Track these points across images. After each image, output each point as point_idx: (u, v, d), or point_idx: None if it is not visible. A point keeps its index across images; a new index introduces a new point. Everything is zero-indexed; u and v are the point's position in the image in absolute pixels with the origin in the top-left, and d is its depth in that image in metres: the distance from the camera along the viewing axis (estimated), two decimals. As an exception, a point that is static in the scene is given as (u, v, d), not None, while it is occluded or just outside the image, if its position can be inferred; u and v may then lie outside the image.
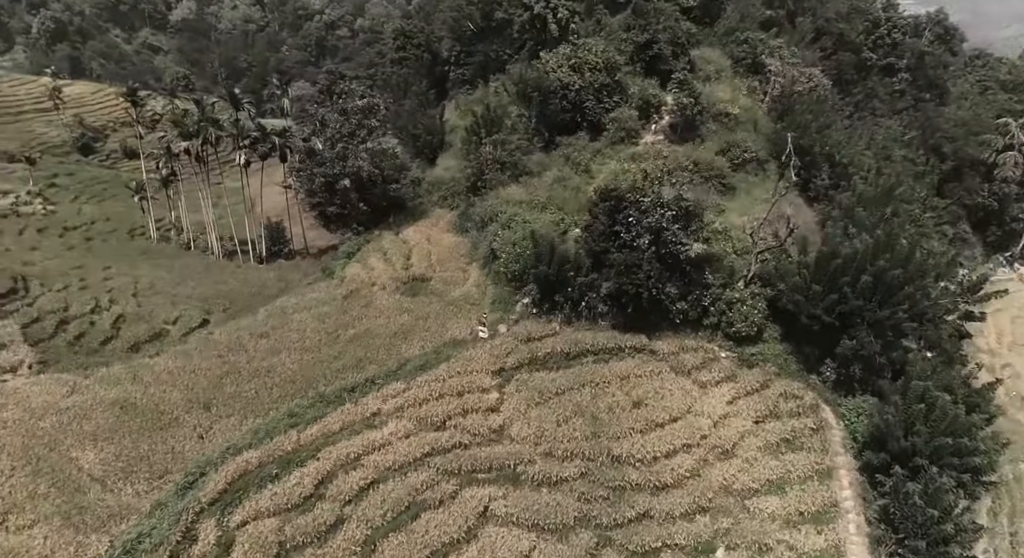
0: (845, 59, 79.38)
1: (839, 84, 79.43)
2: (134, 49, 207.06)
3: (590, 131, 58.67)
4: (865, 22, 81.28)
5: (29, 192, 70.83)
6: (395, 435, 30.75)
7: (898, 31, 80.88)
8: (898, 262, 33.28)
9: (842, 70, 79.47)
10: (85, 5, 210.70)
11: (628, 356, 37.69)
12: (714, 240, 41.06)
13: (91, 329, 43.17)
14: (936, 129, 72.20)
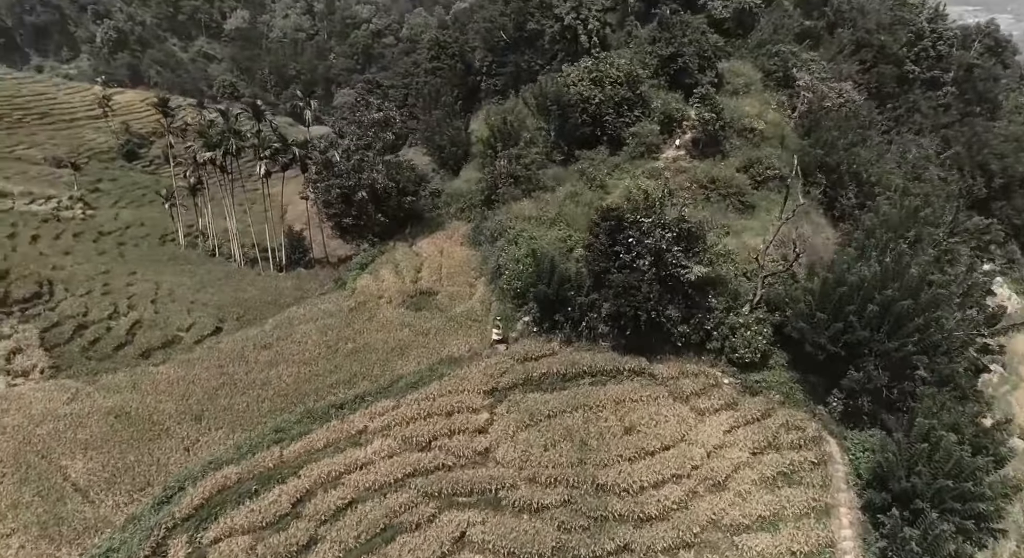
0: (886, 72, 76.73)
1: (879, 97, 77.03)
2: (189, 57, 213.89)
3: (610, 145, 58.04)
4: (908, 34, 78.43)
5: (71, 197, 73.48)
6: (379, 454, 30.62)
7: (943, 43, 77.82)
8: (907, 292, 31.71)
9: (882, 83, 76.91)
10: (146, 15, 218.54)
11: (627, 379, 36.87)
12: (721, 262, 39.89)
13: (107, 335, 44.43)
14: (984, 145, 69.20)
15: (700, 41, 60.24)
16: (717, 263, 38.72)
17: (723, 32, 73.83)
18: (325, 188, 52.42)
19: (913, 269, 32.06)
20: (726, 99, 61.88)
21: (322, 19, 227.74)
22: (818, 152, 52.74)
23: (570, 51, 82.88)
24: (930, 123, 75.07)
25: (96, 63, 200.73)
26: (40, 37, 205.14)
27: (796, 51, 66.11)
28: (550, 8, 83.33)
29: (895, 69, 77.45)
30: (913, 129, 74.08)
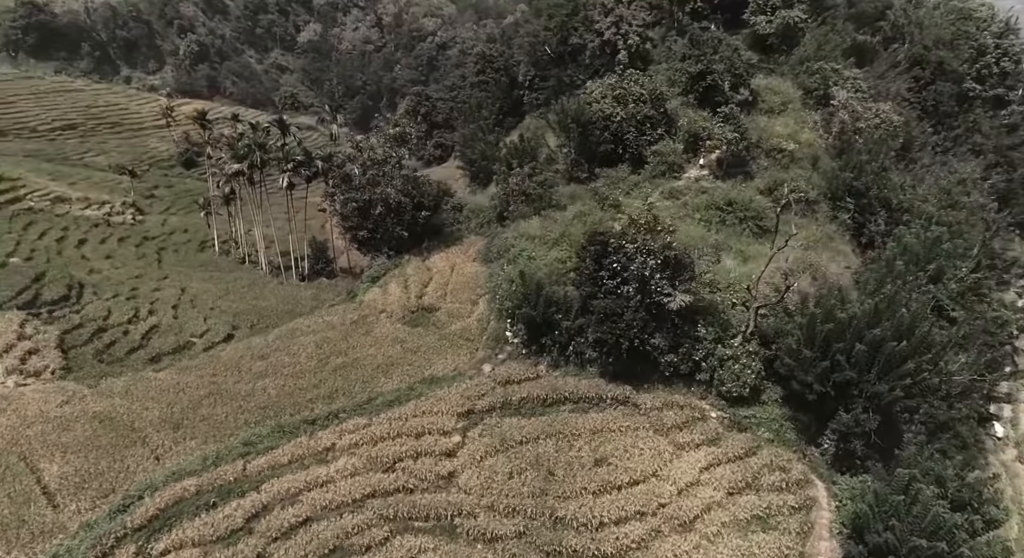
0: (944, 90, 72.72)
1: (936, 116, 73.10)
2: (264, 69, 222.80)
3: (632, 164, 57.03)
4: (970, 49, 74.11)
5: (124, 202, 77.38)
6: (341, 473, 30.70)
7: (1008, 59, 73.16)
8: (898, 332, 29.72)
9: (940, 102, 72.93)
10: (226, 29, 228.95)
11: (609, 407, 35.91)
12: (711, 290, 38.43)
13: (123, 339, 46.38)
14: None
15: (731, 58, 58.46)
16: (709, 291, 37.35)
17: (767, 48, 71.91)
18: (343, 201, 53.40)
19: (904, 309, 29.97)
20: (760, 118, 60.08)
21: (390, 32, 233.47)
22: (847, 175, 50.37)
23: (610, 66, 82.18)
24: (992, 144, 70.58)
25: (178, 74, 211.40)
26: (130, 50, 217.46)
27: (838, 68, 63.37)
28: (591, 23, 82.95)
29: (954, 87, 73.33)
30: (973, 151, 69.95)
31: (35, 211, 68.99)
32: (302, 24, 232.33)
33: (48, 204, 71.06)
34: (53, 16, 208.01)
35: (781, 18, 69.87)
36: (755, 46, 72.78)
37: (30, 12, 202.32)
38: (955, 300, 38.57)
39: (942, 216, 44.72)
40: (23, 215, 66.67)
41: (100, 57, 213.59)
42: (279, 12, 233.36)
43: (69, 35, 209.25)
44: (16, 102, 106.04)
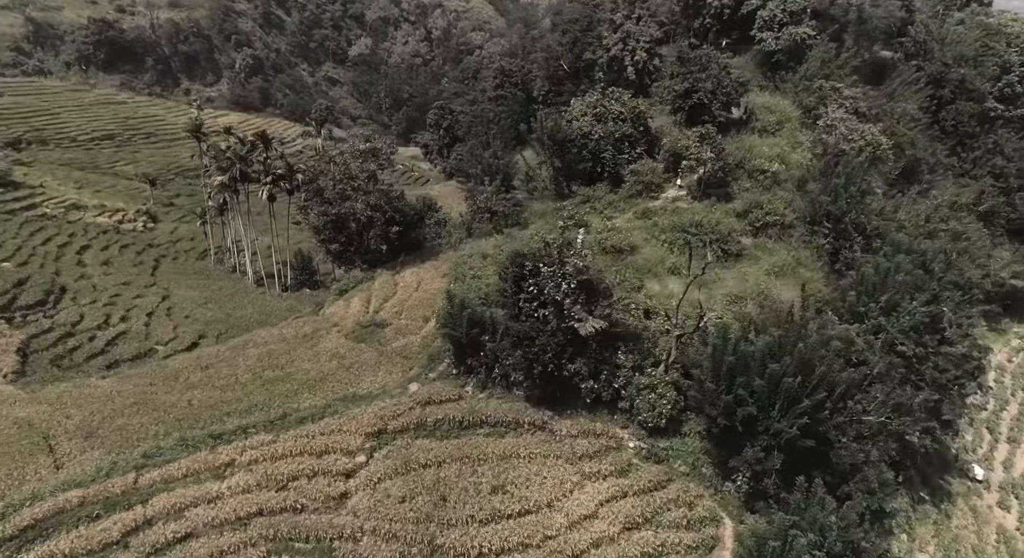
0: (964, 109, 69.02)
1: (955, 136, 69.45)
2: (315, 81, 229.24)
3: (611, 182, 56.06)
4: (993, 67, 70.14)
5: (138, 210, 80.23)
6: (232, 489, 30.64)
7: (1034, 78, 68.96)
8: (797, 368, 27.95)
9: (960, 122, 69.25)
10: (282, 43, 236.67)
11: (527, 433, 34.98)
12: (655, 316, 37.15)
13: (86, 345, 47.79)
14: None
15: (718, 76, 56.83)
16: (644, 317, 36.03)
17: (775, 65, 69.83)
18: (316, 214, 54.06)
19: (802, 344, 28.16)
20: (750, 137, 58.36)
21: (439, 45, 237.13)
22: (824, 199, 48.11)
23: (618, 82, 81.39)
24: (1015, 167, 66.39)
25: (233, 86, 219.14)
26: (190, 63, 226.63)
27: (839, 86, 60.84)
28: (601, 39, 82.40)
29: (975, 106, 69.50)
30: (993, 174, 65.97)
31: (49, 217, 72.22)
32: (354, 38, 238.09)
33: (63, 211, 74.32)
34: (121, 32, 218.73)
35: (788, 35, 67.81)
36: (763, 63, 70.96)
37: (101, 29, 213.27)
38: (906, 334, 36.14)
39: (914, 244, 42.05)
40: (35, 221, 69.87)
41: (162, 70, 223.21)
42: (333, 27, 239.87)
43: (135, 50, 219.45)
44: (61, 113, 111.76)
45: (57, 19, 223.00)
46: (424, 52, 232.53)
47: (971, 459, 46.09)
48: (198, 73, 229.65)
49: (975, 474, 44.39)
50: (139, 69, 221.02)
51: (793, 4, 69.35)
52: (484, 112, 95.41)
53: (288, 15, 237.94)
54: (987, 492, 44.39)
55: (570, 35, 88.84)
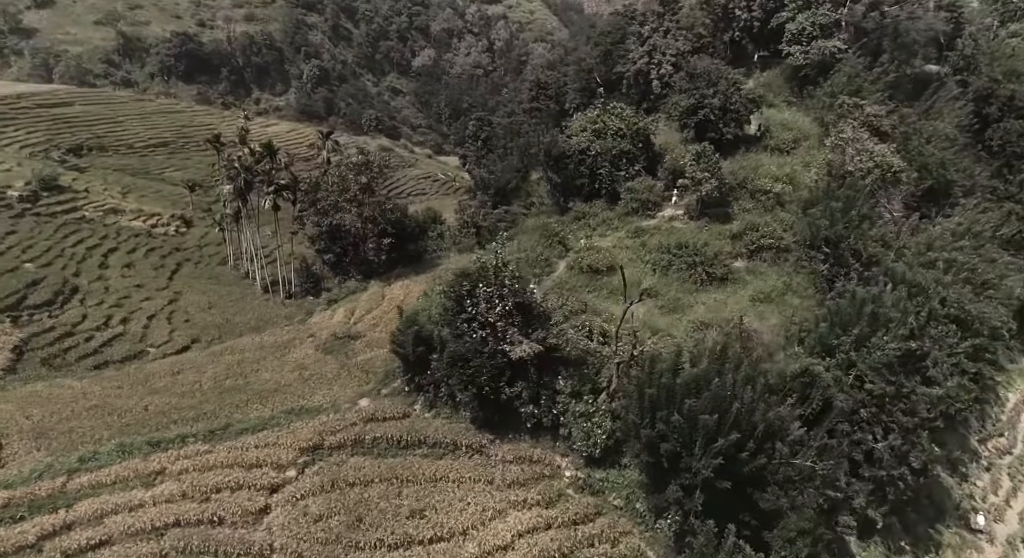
0: (1012, 128, 64.08)
1: (1001, 158, 64.61)
2: (378, 92, 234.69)
3: (609, 199, 54.68)
4: (1044, 81, 64.95)
5: (172, 215, 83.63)
6: (156, 498, 30.92)
7: (1092, 95, 63.31)
8: (712, 404, 26.09)
9: (1008, 142, 64.34)
10: (348, 55, 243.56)
11: (464, 455, 34.12)
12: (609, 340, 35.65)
13: (82, 345, 49.74)
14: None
15: (726, 92, 54.66)
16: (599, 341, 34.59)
17: (803, 80, 66.98)
18: (312, 225, 54.83)
19: (717, 379, 26.29)
20: (760, 156, 55.95)
21: (501, 56, 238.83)
22: (823, 223, 45.38)
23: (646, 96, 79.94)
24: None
25: (300, 96, 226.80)
26: (262, 74, 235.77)
27: (862, 103, 57.53)
28: (628, 52, 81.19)
29: (1023, 125, 64.42)
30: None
31: (87, 220, 76.01)
32: (418, 50, 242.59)
33: (101, 214, 78.07)
34: (200, 45, 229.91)
35: (817, 49, 64.85)
36: (792, 78, 68.20)
37: (182, 42, 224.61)
38: (877, 371, 33.46)
39: (908, 274, 39.08)
40: (72, 224, 73.64)
41: (236, 81, 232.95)
42: (398, 39, 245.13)
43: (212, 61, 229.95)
44: (124, 121, 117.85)
45: (144, 33, 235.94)
46: (485, 63, 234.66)
47: (977, 507, 42.42)
48: (268, 83, 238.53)
49: (976, 524, 40.72)
50: (215, 79, 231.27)
51: (823, 17, 66.35)
52: (516, 124, 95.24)
53: (356, 27, 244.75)
54: (989, 545, 40.64)
55: (602, 47, 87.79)
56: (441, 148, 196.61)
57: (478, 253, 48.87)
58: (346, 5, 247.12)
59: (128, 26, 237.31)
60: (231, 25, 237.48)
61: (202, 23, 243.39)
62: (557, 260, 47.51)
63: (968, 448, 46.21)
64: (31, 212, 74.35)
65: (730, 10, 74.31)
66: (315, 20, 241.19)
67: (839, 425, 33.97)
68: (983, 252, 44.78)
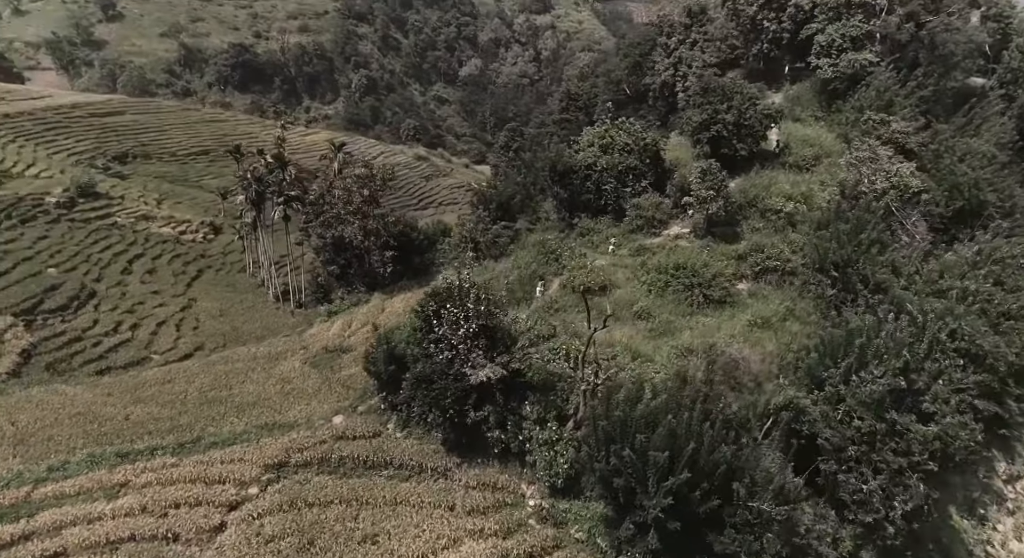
0: (1072, 150, 60.20)
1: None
2: (424, 101, 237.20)
3: (616, 216, 53.39)
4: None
5: (202, 222, 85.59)
6: (116, 511, 30.89)
7: None
8: (662, 441, 24.62)
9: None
10: (396, 64, 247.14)
11: (429, 479, 33.29)
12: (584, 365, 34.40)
13: (89, 350, 50.89)
14: None
15: (740, 107, 52.77)
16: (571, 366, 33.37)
17: (832, 94, 64.45)
18: (316, 236, 55.10)
19: (671, 416, 24.80)
20: (773, 173, 53.82)
21: (547, 66, 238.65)
22: (831, 246, 43.14)
23: (673, 109, 78.59)
24: None
25: (348, 105, 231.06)
26: (312, 83, 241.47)
27: (889, 119, 54.80)
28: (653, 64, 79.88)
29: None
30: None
31: (118, 227, 78.38)
32: (465, 59, 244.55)
33: (132, 221, 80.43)
34: (255, 55, 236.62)
35: (847, 61, 62.25)
36: (821, 92, 65.69)
37: (238, 52, 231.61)
38: (866, 406, 31.34)
39: (914, 303, 36.67)
40: (103, 230, 75.99)
41: (288, 90, 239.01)
42: (446, 49, 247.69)
43: (266, 71, 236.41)
44: (169, 130, 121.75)
45: (204, 44, 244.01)
46: (531, 72, 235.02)
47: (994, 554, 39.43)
48: (319, 92, 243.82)
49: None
50: (268, 89, 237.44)
51: (854, 29, 63.65)
52: (544, 135, 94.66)
53: (405, 37, 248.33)
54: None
55: (631, 59, 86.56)
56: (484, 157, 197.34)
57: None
58: (396, 16, 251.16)
59: (190, 38, 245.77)
60: (285, 36, 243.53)
61: (258, 34, 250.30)
62: (552, 278, 46.45)
63: (991, 490, 43.17)
64: (66, 218, 77.01)
65: (759, 22, 72.07)
66: (365, 31, 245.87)
67: (825, 463, 32.14)
68: (1007, 281, 41.71)
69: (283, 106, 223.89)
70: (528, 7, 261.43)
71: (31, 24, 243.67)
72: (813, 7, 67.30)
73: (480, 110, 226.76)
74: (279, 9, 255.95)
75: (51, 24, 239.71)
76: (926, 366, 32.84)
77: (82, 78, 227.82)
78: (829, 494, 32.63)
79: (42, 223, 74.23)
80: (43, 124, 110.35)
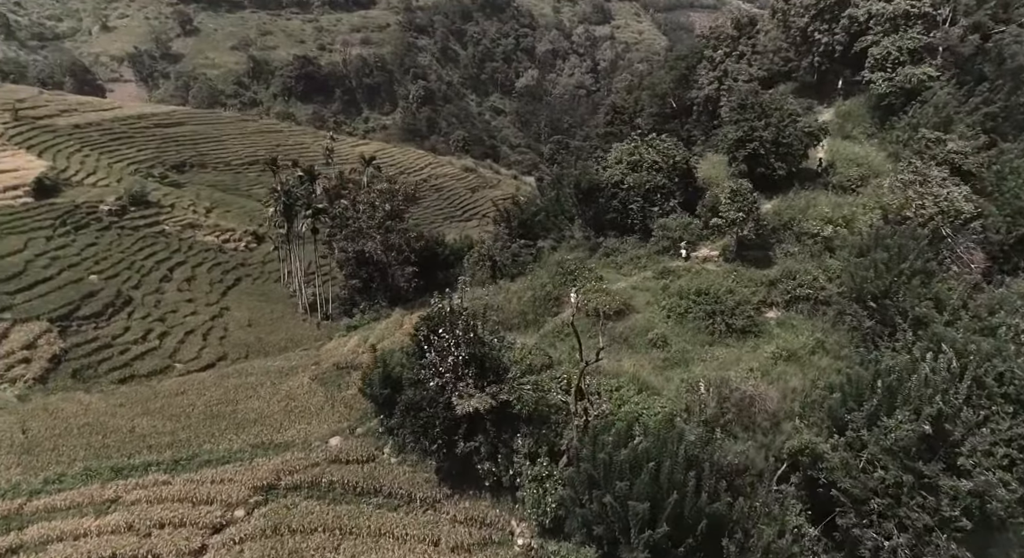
0: None
1: None
2: (479, 111, 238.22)
3: (643, 236, 51.40)
4: None
5: (246, 231, 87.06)
6: (102, 528, 30.57)
7: None
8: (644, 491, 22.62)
9: None
10: (454, 75, 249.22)
11: (418, 509, 32.00)
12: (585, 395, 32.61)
13: (116, 357, 51.75)
14: None
15: (778, 125, 50.09)
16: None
17: (888, 110, 60.92)
18: (339, 249, 54.87)
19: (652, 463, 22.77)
20: (819, 194, 50.96)
21: (604, 77, 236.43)
22: (867, 274, 40.14)
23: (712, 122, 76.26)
24: None
25: (405, 116, 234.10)
26: (372, 94, 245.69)
27: (945, 138, 51.12)
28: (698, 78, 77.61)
29: None
30: None
31: (165, 235, 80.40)
32: (522, 70, 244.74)
33: (179, 229, 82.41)
34: (318, 67, 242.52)
35: (903, 76, 58.72)
36: (876, 108, 62.23)
37: (302, 64, 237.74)
38: (891, 454, 28.54)
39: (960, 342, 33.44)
40: (149, 237, 78.00)
41: (348, 101, 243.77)
42: (504, 60, 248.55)
43: (328, 82, 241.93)
44: (226, 140, 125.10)
45: (272, 57, 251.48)
46: (588, 83, 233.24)
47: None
48: (378, 103, 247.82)
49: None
50: (329, 99, 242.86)
51: (912, 41, 60.06)
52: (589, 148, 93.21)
53: (464, 49, 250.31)
54: None
55: (676, 72, 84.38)
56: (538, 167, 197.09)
57: (487, 289, 47.22)
58: (456, 28, 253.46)
59: (258, 50, 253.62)
60: (348, 49, 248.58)
61: (322, 47, 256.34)
62: (568, 300, 44.64)
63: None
64: (116, 225, 79.38)
65: (810, 33, 68.95)
66: (425, 43, 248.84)
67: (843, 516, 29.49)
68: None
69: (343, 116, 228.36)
70: (588, 18, 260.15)
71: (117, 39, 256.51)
72: (868, 18, 63.94)
73: (535, 121, 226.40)
74: (343, 22, 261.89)
75: (134, 39, 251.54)
76: (964, 413, 29.73)
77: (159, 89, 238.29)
78: (848, 551, 29.90)
79: (93, 230, 76.64)
80: (109, 134, 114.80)
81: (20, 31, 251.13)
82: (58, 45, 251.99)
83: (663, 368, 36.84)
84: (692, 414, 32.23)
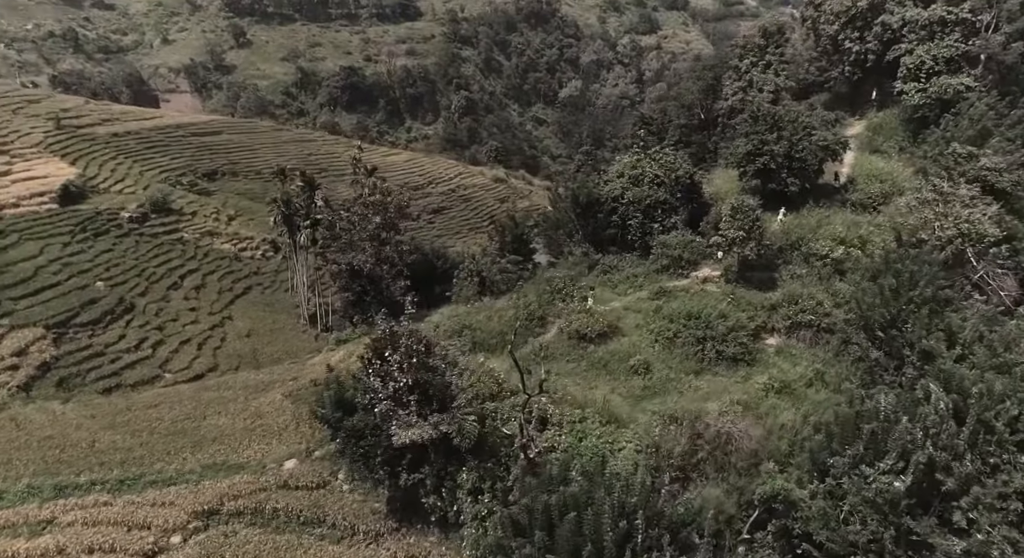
0: None
1: None
2: (521, 121, 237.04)
3: (643, 253, 48.64)
4: None
5: (264, 239, 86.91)
6: (32, 552, 29.41)
7: None
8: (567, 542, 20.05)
9: None
10: (497, 86, 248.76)
11: (360, 543, 30.04)
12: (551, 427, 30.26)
13: (105, 366, 51.29)
14: None
15: (791, 138, 46.81)
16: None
17: (920, 122, 56.90)
18: (331, 261, 53.57)
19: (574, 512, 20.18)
20: (834, 212, 47.45)
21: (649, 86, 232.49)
22: (873, 302, 36.61)
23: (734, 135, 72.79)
24: None
25: (447, 126, 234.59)
26: (414, 104, 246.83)
27: (977, 153, 46.96)
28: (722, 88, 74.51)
29: None
30: None
31: (183, 242, 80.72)
32: (566, 81, 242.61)
33: (197, 236, 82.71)
34: (363, 78, 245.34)
35: (938, 86, 54.66)
36: (909, 120, 58.24)
37: (348, 75, 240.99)
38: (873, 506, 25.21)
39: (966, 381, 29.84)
40: (167, 244, 78.27)
41: (391, 111, 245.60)
42: (547, 70, 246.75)
43: (372, 93, 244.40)
44: (259, 149, 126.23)
45: (319, 68, 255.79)
46: (632, 93, 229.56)
47: None
48: (420, 113, 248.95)
49: None
50: (373, 109, 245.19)
51: (948, 49, 55.85)
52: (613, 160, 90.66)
53: (508, 59, 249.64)
54: None
55: (703, 82, 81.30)
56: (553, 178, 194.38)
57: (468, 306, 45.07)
58: (500, 39, 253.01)
59: (307, 61, 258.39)
60: (392, 59, 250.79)
61: (368, 58, 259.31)
62: (554, 320, 42.26)
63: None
64: (136, 232, 79.92)
65: (840, 42, 65.17)
66: (469, 54, 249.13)
67: (817, 574, 26.33)
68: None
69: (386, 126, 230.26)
70: (634, 28, 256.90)
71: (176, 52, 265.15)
72: (903, 25, 59.98)
73: (577, 131, 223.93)
74: (390, 34, 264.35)
75: (192, 51, 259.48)
76: (964, 461, 26.21)
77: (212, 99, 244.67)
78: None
79: (112, 237, 77.25)
80: (146, 143, 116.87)
81: (87, 45, 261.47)
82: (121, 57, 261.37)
83: (640, 398, 34.07)
84: (660, 452, 29.43)
